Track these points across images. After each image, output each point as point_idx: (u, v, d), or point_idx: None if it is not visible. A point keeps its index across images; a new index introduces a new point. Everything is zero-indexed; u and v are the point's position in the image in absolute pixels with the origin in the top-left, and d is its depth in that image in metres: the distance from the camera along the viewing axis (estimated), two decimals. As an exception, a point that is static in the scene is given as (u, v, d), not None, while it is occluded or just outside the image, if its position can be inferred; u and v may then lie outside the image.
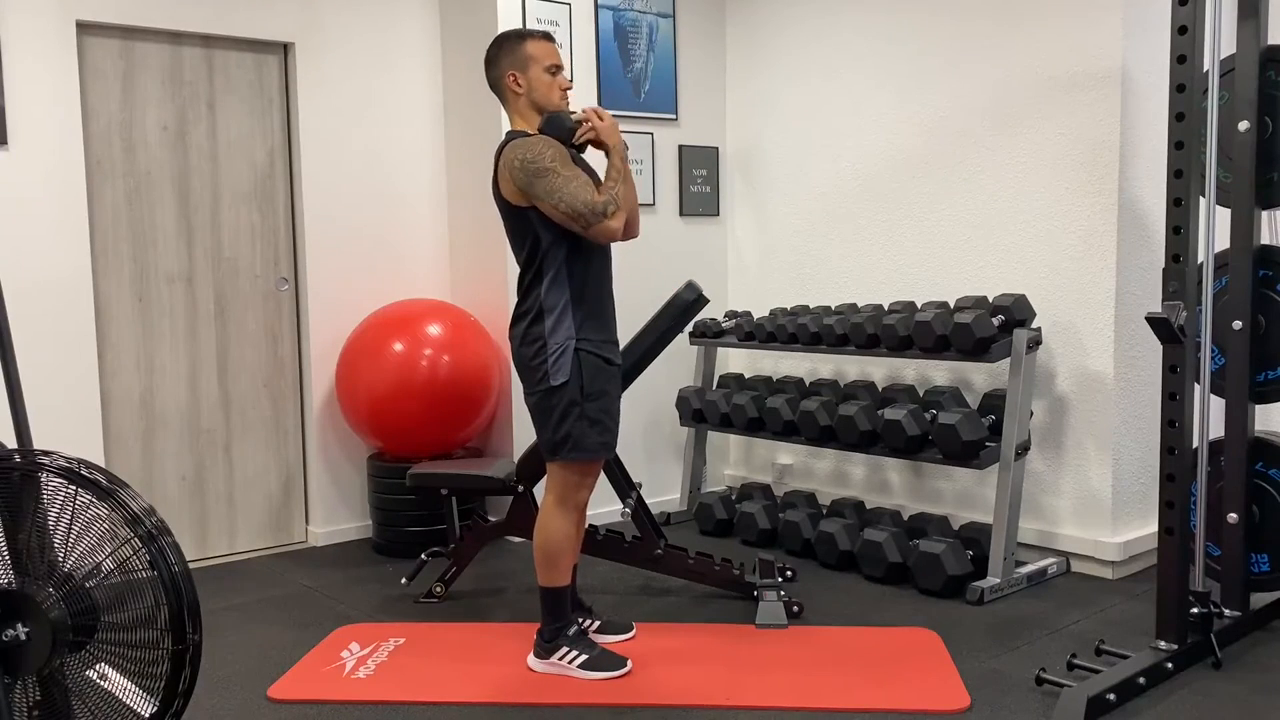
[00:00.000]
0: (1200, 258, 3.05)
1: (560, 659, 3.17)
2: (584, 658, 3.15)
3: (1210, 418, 3.16)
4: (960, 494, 4.42)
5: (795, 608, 3.62)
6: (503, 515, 3.99)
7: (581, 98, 4.79)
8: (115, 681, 2.24)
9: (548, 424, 3.08)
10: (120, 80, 4.22)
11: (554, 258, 3.04)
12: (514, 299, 3.16)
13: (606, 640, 3.33)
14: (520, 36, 3.15)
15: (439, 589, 3.90)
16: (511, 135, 3.11)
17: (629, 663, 3.17)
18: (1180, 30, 2.97)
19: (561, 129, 3.08)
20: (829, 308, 4.54)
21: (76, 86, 4.05)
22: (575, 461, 3.08)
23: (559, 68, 3.15)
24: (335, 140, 4.65)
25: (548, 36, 3.17)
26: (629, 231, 3.11)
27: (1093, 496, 4.00)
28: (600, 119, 3.08)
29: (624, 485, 3.77)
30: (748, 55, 5.21)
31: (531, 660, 3.23)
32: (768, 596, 3.62)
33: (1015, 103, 4.14)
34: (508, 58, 3.13)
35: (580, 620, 3.33)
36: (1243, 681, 3.02)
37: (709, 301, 3.61)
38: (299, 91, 4.55)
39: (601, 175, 3.07)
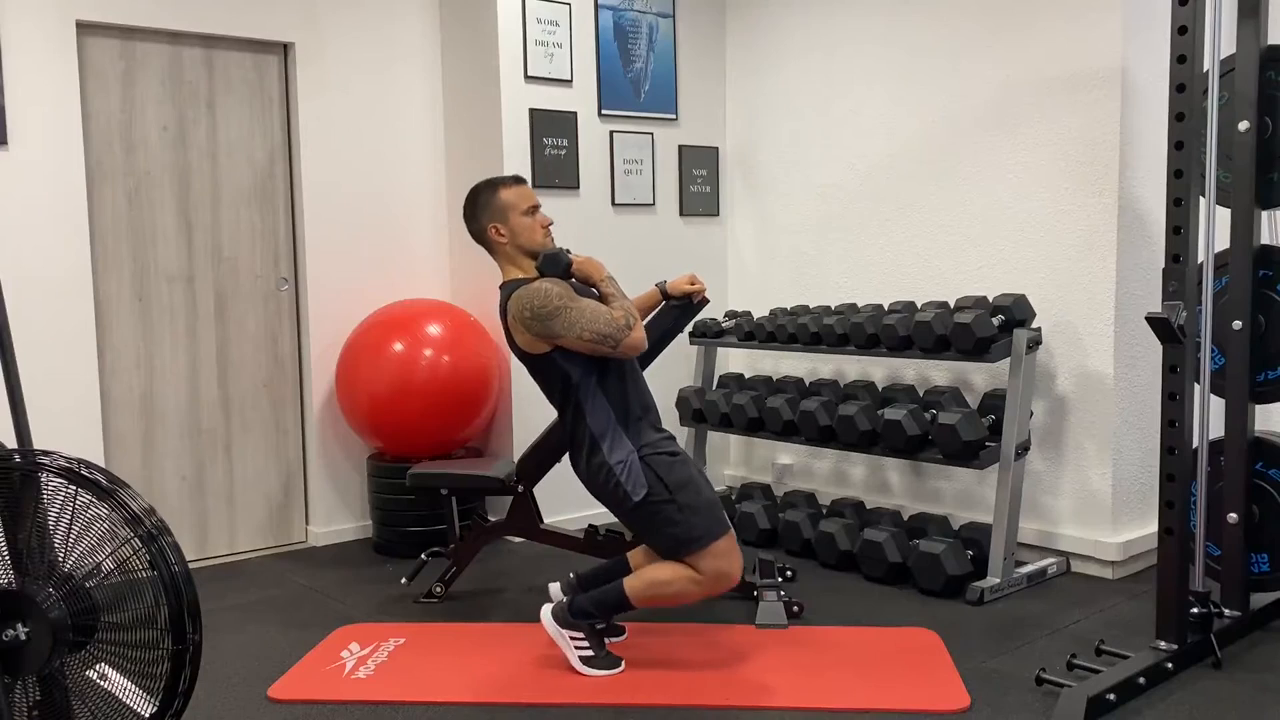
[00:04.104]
0: (1200, 258, 3.05)
1: (571, 638, 3.18)
2: (589, 652, 3.17)
3: (1210, 418, 3.16)
4: (960, 494, 4.42)
5: (795, 608, 3.62)
6: (503, 515, 3.99)
7: (582, 98, 4.80)
8: (115, 681, 2.24)
9: (656, 533, 3.12)
10: (120, 80, 4.22)
11: (587, 387, 3.12)
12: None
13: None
14: (492, 188, 3.24)
15: (439, 589, 3.90)
16: (510, 286, 3.17)
17: (623, 663, 3.20)
18: (1180, 30, 2.97)
19: (559, 266, 3.16)
20: (829, 308, 4.54)
21: (76, 86, 4.05)
22: (706, 549, 3.07)
23: (536, 207, 3.24)
24: (335, 140, 4.65)
25: (518, 180, 3.28)
26: None
27: (1093, 496, 4.00)
28: (579, 261, 3.22)
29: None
30: (748, 55, 5.21)
31: (546, 615, 3.22)
32: (768, 596, 3.62)
33: (1015, 103, 4.14)
34: (485, 211, 3.22)
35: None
36: (1243, 681, 3.02)
37: (709, 302, 3.60)
38: (299, 91, 4.55)
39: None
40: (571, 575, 3.40)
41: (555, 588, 3.43)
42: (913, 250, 4.54)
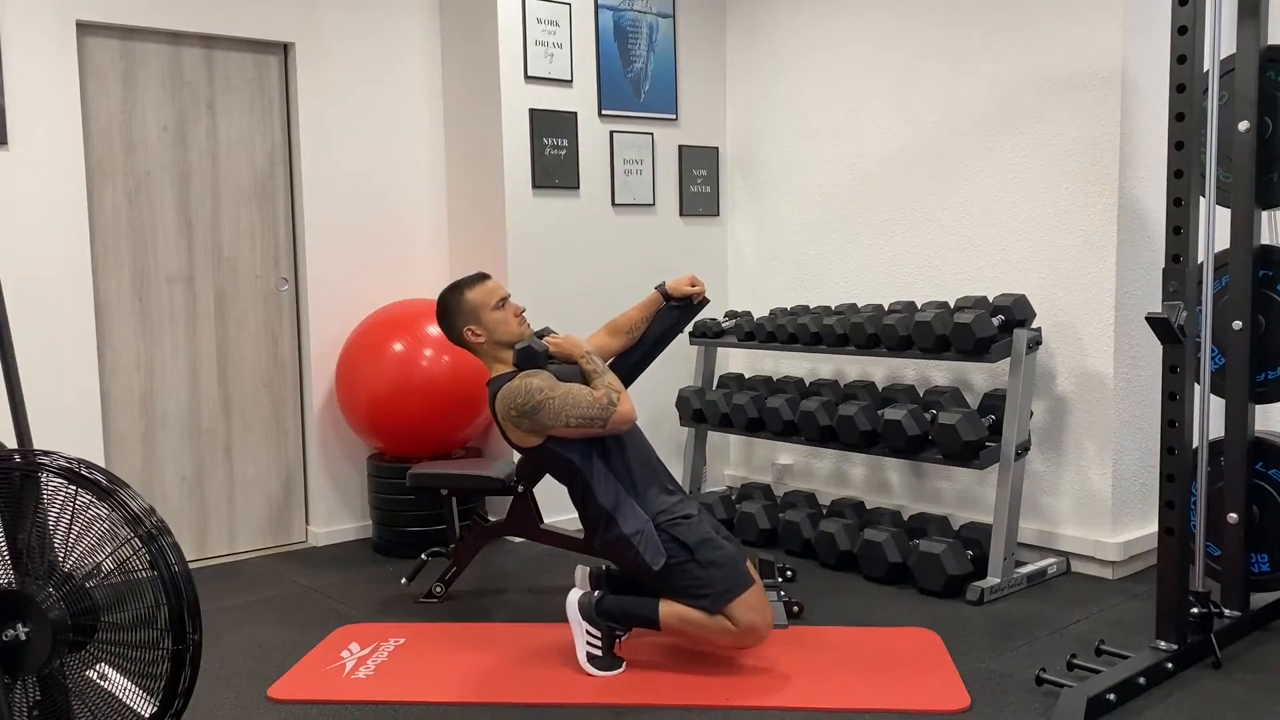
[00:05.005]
0: (1200, 258, 3.05)
1: (585, 632, 3.19)
2: (597, 653, 3.18)
3: (1210, 418, 3.16)
4: (960, 494, 4.42)
5: (795, 608, 3.62)
6: (503, 515, 3.99)
7: (582, 98, 4.80)
8: (115, 681, 2.24)
9: (686, 594, 3.11)
10: (120, 80, 4.22)
11: (590, 467, 3.15)
12: (515, 301, 3.26)
13: None
14: (457, 292, 3.28)
15: (439, 589, 3.90)
16: (495, 384, 3.21)
17: (624, 664, 3.21)
18: (1180, 30, 2.97)
19: (535, 357, 3.18)
20: (829, 308, 4.54)
21: (76, 86, 4.05)
22: (737, 600, 3.07)
23: (505, 299, 3.27)
24: (335, 140, 4.65)
25: (482, 277, 3.32)
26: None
27: (1093, 496, 4.00)
28: (557, 342, 3.24)
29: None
30: (748, 55, 5.21)
31: (572, 601, 3.23)
32: (768, 597, 3.61)
33: (1015, 103, 4.14)
34: (457, 315, 3.27)
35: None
36: (1243, 681, 3.02)
37: (709, 302, 3.61)
38: (299, 92, 4.55)
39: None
40: (604, 568, 3.39)
41: (581, 573, 3.42)
42: (913, 250, 4.54)
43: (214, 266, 4.48)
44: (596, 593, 3.26)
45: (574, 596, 3.24)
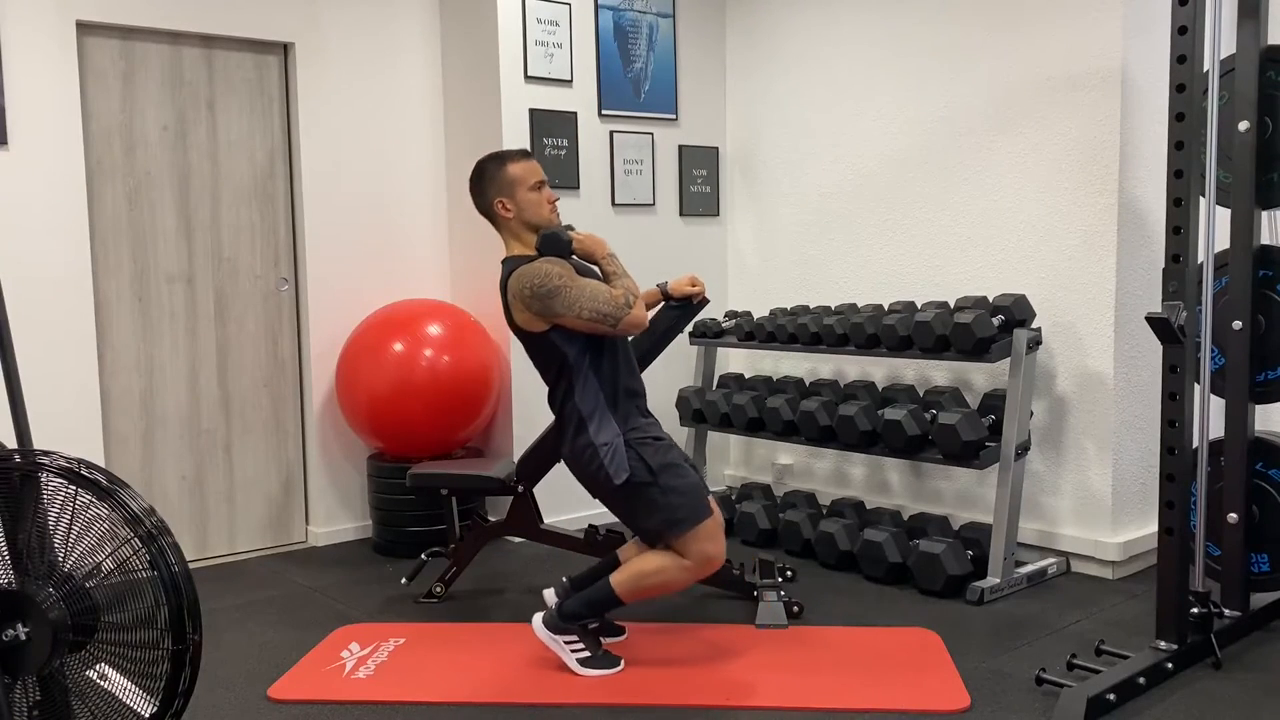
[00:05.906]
0: (1200, 258, 3.05)
1: (566, 642, 3.18)
2: (586, 654, 3.18)
3: (1210, 418, 3.16)
4: (960, 494, 4.42)
5: (795, 608, 3.62)
6: (503, 515, 3.99)
7: (582, 98, 4.80)
8: (115, 681, 2.24)
9: (639, 515, 3.12)
10: (120, 80, 4.22)
11: (580, 366, 3.11)
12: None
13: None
14: (500, 161, 3.21)
15: (439, 589, 3.90)
16: (511, 263, 3.16)
17: (622, 662, 3.20)
18: (1180, 30, 2.97)
19: (560, 245, 3.14)
20: (829, 308, 4.54)
21: (76, 86, 4.05)
22: (691, 532, 3.08)
23: (543, 182, 3.21)
24: (335, 140, 4.65)
25: (526, 154, 3.26)
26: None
27: (1093, 496, 4.00)
28: (580, 238, 3.20)
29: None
30: (748, 55, 5.21)
31: (537, 623, 3.22)
32: (768, 597, 3.62)
33: (1015, 103, 4.14)
34: (492, 185, 3.19)
35: None
36: (1243, 681, 3.03)
37: (709, 302, 3.61)
38: (299, 91, 4.55)
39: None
40: (565, 580, 3.39)
41: (549, 593, 3.42)
42: (913, 250, 4.54)
43: (214, 266, 4.48)
44: (554, 601, 3.25)
45: (537, 619, 3.24)
